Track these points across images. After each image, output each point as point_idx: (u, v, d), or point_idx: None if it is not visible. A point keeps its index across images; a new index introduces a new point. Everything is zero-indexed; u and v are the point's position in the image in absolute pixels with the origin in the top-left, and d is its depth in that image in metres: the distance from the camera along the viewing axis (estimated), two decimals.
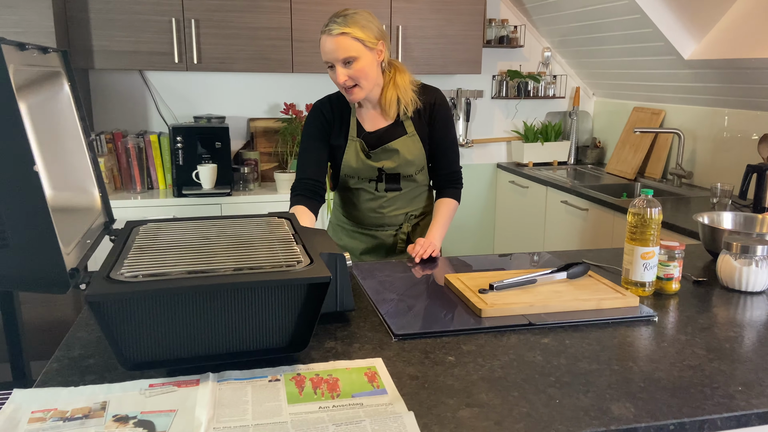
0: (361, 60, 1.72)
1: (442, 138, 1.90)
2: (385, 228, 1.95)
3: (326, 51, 1.70)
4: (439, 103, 1.88)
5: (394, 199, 1.91)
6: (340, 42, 1.68)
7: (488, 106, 3.94)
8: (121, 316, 1.07)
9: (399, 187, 1.90)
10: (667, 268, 1.55)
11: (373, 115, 1.88)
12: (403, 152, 1.84)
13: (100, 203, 1.45)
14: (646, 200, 1.50)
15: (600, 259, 1.82)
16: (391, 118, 1.85)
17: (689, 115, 3.19)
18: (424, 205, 1.99)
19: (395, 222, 1.94)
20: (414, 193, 1.94)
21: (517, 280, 1.49)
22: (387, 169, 1.86)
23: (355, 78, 1.73)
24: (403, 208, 1.94)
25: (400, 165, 1.85)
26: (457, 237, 4.06)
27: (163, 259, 1.20)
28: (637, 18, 2.92)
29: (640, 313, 1.39)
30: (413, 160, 1.86)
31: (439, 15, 3.36)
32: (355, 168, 1.86)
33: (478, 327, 1.30)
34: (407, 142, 1.85)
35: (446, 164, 1.94)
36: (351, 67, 1.71)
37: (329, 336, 1.28)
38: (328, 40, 1.69)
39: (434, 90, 1.90)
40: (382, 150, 1.84)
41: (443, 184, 1.96)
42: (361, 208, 1.93)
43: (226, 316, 1.12)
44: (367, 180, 1.88)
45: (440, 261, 1.79)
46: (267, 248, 1.29)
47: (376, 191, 1.90)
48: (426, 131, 1.88)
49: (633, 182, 3.35)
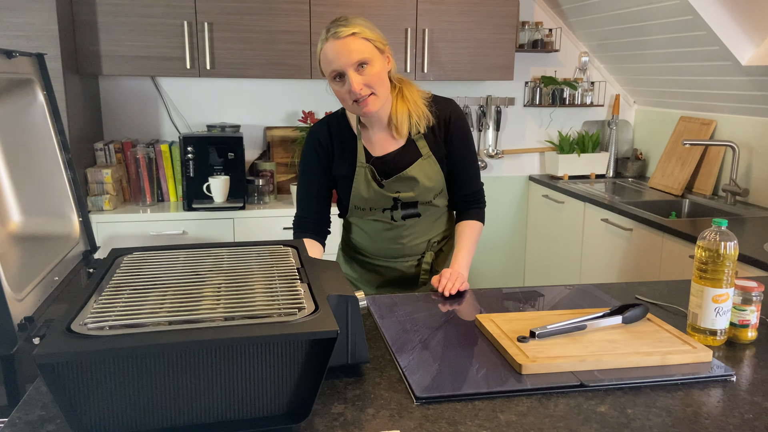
0: (375, 64, 1.49)
1: (462, 156, 1.67)
2: (406, 259, 1.73)
3: (334, 58, 1.47)
4: (455, 117, 1.64)
5: (414, 226, 1.69)
6: (352, 44, 1.46)
7: (520, 115, 3.69)
8: (80, 380, 0.86)
9: (417, 213, 1.67)
10: (743, 313, 1.30)
11: (381, 137, 1.63)
12: (422, 179, 1.61)
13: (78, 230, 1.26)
14: (719, 232, 1.26)
15: (655, 295, 1.58)
16: (403, 137, 1.62)
17: (744, 127, 2.91)
18: (445, 229, 1.78)
19: (416, 252, 1.72)
20: (434, 217, 1.72)
21: (562, 325, 1.25)
22: (404, 198, 1.64)
23: (371, 85, 1.49)
24: (424, 235, 1.72)
25: (419, 194, 1.63)
26: (484, 255, 3.81)
27: (141, 304, 1.00)
28: (689, 20, 2.65)
29: (713, 370, 1.15)
30: (433, 187, 1.64)
31: (468, 17, 3.13)
32: (367, 198, 1.64)
33: (518, 389, 1.07)
34: (424, 166, 1.62)
35: (467, 184, 1.72)
36: (365, 73, 1.48)
37: (338, 396, 1.06)
38: (336, 45, 1.46)
39: (448, 102, 1.66)
40: (397, 179, 1.61)
41: (466, 205, 1.75)
42: (377, 239, 1.71)
43: (211, 379, 0.91)
44: (381, 210, 1.66)
45: (468, 294, 1.56)
46: (266, 288, 1.08)
47: (392, 221, 1.67)
48: (443, 151, 1.64)
49: (680, 198, 3.07)
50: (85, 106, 2.88)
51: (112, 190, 2.85)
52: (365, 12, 3.01)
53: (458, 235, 1.72)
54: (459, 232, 1.72)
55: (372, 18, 3.03)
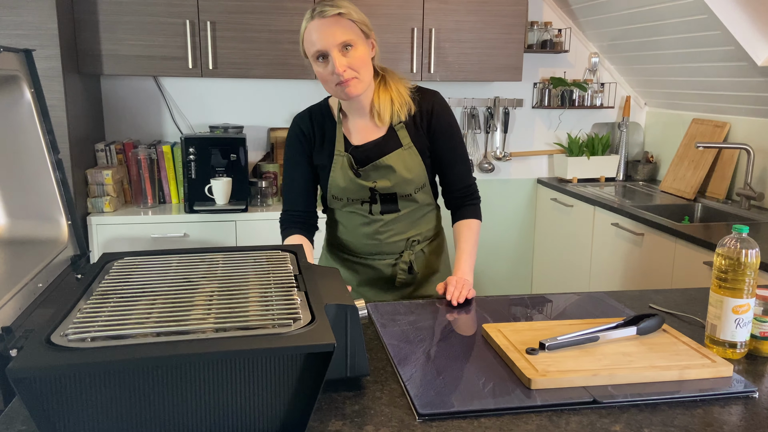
0: (359, 47, 1.46)
1: (450, 149, 1.62)
2: (383, 257, 1.66)
3: (319, 37, 1.43)
4: (438, 108, 1.59)
5: (393, 222, 1.62)
6: (337, 24, 1.43)
7: (528, 116, 3.63)
8: (59, 396, 0.81)
9: (397, 208, 1.61)
10: (764, 325, 1.23)
11: (361, 125, 1.59)
12: (400, 169, 1.56)
13: (67, 233, 1.20)
14: (740, 239, 1.19)
15: (669, 304, 1.51)
16: (385, 125, 1.57)
17: (759, 129, 2.83)
18: (429, 228, 1.70)
19: (394, 250, 1.65)
20: (416, 215, 1.65)
21: (574, 337, 1.19)
22: (381, 189, 1.58)
23: (355, 67, 1.45)
24: (404, 233, 1.64)
25: (396, 184, 1.57)
26: (491, 260, 3.74)
27: (127, 313, 0.94)
28: (703, 19, 2.58)
29: (733, 386, 1.08)
30: (412, 179, 1.58)
31: (476, 17, 3.07)
32: (343, 188, 1.58)
33: (527, 405, 1.01)
34: (403, 156, 1.57)
35: (458, 179, 1.66)
36: (349, 55, 1.45)
37: (335, 411, 1.00)
38: (322, 24, 1.43)
39: (432, 93, 1.62)
40: (374, 167, 1.56)
41: (459, 202, 1.68)
42: (355, 233, 1.65)
43: (200, 394, 0.86)
44: (359, 202, 1.60)
45: (474, 301, 1.50)
46: (261, 297, 1.03)
47: (370, 214, 1.61)
48: (425, 142, 1.59)
49: (693, 203, 3.00)
50: (86, 106, 2.84)
51: (113, 191, 2.81)
52: (371, 11, 2.96)
53: (457, 237, 1.65)
54: (457, 233, 1.66)
55: (378, 17, 2.98)
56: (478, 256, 3.72)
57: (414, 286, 1.69)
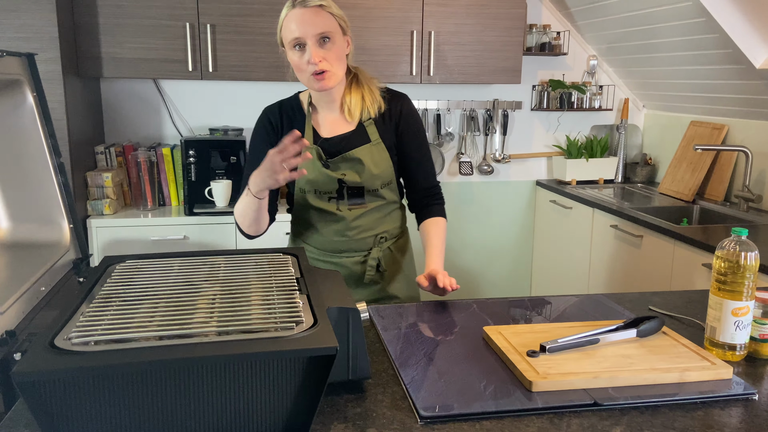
0: (336, 41, 1.50)
1: (416, 148, 1.66)
2: (351, 254, 1.66)
3: (298, 26, 1.45)
4: (407, 110, 1.64)
5: (360, 218, 1.63)
6: (318, 15, 1.46)
7: (527, 119, 3.64)
8: (63, 399, 0.81)
9: (363, 202, 1.63)
10: (764, 327, 1.24)
11: (331, 119, 1.62)
12: (368, 163, 1.58)
13: (69, 237, 1.21)
14: (739, 242, 1.20)
15: (668, 306, 1.52)
16: (355, 120, 1.60)
17: (757, 131, 2.84)
18: (396, 226, 1.72)
19: (363, 247, 1.66)
20: (383, 212, 1.67)
21: (574, 339, 1.19)
22: (349, 182, 1.59)
23: (330, 60, 1.48)
24: (372, 230, 1.65)
25: (363, 177, 1.59)
26: (490, 261, 3.75)
27: (130, 317, 0.95)
28: (701, 22, 2.59)
29: (733, 388, 1.09)
30: (379, 174, 1.60)
31: (475, 20, 3.08)
32: (311, 180, 1.59)
33: (528, 408, 1.01)
34: (372, 150, 1.60)
35: (423, 178, 1.69)
36: (326, 47, 1.48)
37: (337, 414, 1.01)
38: (303, 13, 1.46)
39: (402, 96, 1.67)
40: (342, 159, 1.58)
41: (425, 201, 1.70)
42: (323, 231, 1.65)
43: (203, 398, 0.86)
44: (327, 197, 1.61)
45: (475, 305, 1.50)
46: (263, 300, 1.03)
47: (338, 210, 1.62)
48: (393, 140, 1.63)
49: (691, 204, 3.01)
50: (85, 108, 2.84)
51: (113, 194, 2.81)
52: (370, 14, 2.96)
53: (427, 233, 1.67)
54: (426, 230, 1.68)
55: (377, 20, 2.99)
56: (477, 257, 3.73)
57: (382, 284, 1.70)
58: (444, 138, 3.51)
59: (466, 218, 3.67)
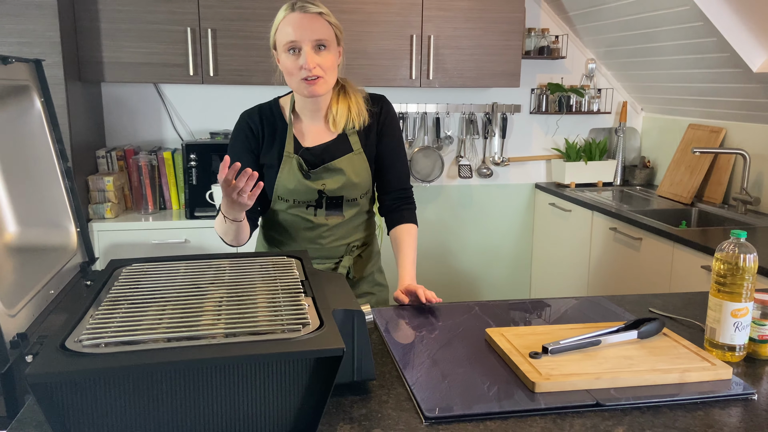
0: (331, 50, 1.51)
1: (392, 149, 1.66)
2: (323, 261, 1.67)
3: (296, 29, 1.46)
4: (386, 109, 1.66)
5: (336, 228, 1.64)
6: (317, 22, 1.47)
7: (526, 122, 3.66)
8: (74, 400, 0.83)
9: (341, 213, 1.63)
10: (763, 328, 1.25)
11: (313, 128, 1.61)
12: (349, 173, 1.59)
13: (76, 241, 1.22)
14: (738, 244, 1.21)
15: (668, 308, 1.53)
16: (338, 130, 1.60)
17: (754, 134, 2.86)
18: (368, 234, 1.73)
19: (335, 255, 1.67)
20: (357, 221, 1.68)
21: (576, 340, 1.21)
22: (329, 192, 1.59)
23: (324, 67, 1.49)
24: (344, 238, 1.66)
25: (343, 187, 1.59)
26: (490, 264, 3.77)
27: (138, 319, 0.96)
28: (699, 26, 2.61)
29: (733, 388, 1.10)
30: (359, 183, 1.61)
31: (474, 24, 3.10)
32: (291, 189, 1.58)
33: (531, 408, 1.03)
34: (353, 160, 1.60)
35: (396, 180, 1.68)
36: (321, 54, 1.49)
37: (343, 415, 1.02)
38: (302, 18, 1.46)
39: (380, 97, 1.67)
40: (324, 169, 1.58)
41: (396, 205, 1.69)
42: (296, 237, 1.65)
43: (211, 398, 0.87)
44: (305, 205, 1.61)
45: (477, 307, 1.51)
46: (269, 302, 1.04)
47: (314, 217, 1.62)
48: (373, 149, 1.64)
49: (690, 207, 3.03)
50: (87, 113, 2.85)
51: (114, 197, 2.82)
52: (371, 18, 2.98)
53: (400, 243, 1.65)
54: (399, 239, 1.65)
55: (377, 24, 3.01)
56: (477, 260, 3.74)
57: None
58: (443, 141, 3.53)
59: (466, 221, 3.69)
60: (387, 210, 1.70)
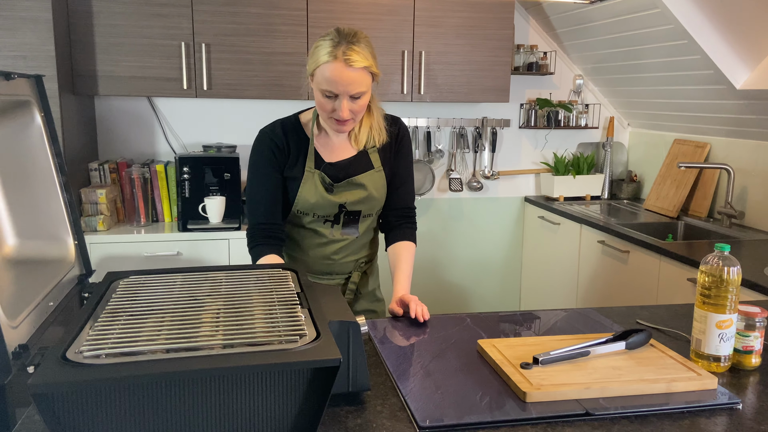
0: (367, 95, 1.53)
1: (404, 168, 1.71)
2: (333, 277, 1.70)
3: (337, 82, 1.45)
4: (402, 133, 1.71)
5: (348, 244, 1.67)
6: (359, 77, 1.46)
7: (516, 136, 3.71)
8: (76, 410, 0.84)
9: (356, 230, 1.67)
10: (747, 339, 1.29)
11: (336, 144, 1.64)
12: (370, 188, 1.63)
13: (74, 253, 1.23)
14: (722, 257, 1.25)
15: (655, 319, 1.57)
16: (360, 147, 1.64)
17: (738, 149, 2.93)
18: (374, 251, 1.79)
19: (345, 270, 1.71)
20: (365, 238, 1.72)
21: (566, 352, 1.23)
22: (349, 206, 1.63)
23: (356, 112, 1.52)
24: (355, 255, 1.71)
25: (363, 201, 1.63)
26: (480, 276, 3.80)
27: (138, 331, 0.97)
28: (683, 44, 2.68)
29: (718, 398, 1.13)
30: (379, 199, 1.66)
31: (464, 40, 3.15)
32: (313, 204, 1.60)
33: (522, 417, 1.05)
34: (374, 177, 1.64)
35: (403, 198, 1.71)
36: (356, 102, 1.50)
37: (338, 425, 1.04)
38: (345, 72, 1.44)
39: (397, 120, 1.72)
40: (348, 183, 1.61)
41: (398, 222, 1.72)
42: (309, 253, 1.68)
43: (210, 408, 0.89)
44: (323, 220, 1.64)
45: (469, 319, 1.54)
46: (266, 314, 1.06)
47: (331, 235, 1.65)
48: (391, 169, 1.69)
49: (676, 221, 3.08)
50: (80, 125, 2.86)
51: (107, 210, 2.82)
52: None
53: (398, 258, 1.67)
54: (398, 254, 1.67)
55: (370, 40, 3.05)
56: (467, 272, 3.77)
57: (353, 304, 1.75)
58: (434, 155, 3.57)
59: (456, 234, 3.72)
60: (390, 227, 1.73)
